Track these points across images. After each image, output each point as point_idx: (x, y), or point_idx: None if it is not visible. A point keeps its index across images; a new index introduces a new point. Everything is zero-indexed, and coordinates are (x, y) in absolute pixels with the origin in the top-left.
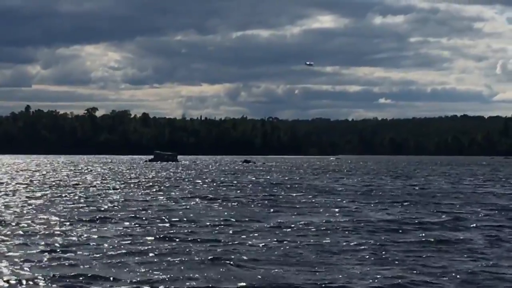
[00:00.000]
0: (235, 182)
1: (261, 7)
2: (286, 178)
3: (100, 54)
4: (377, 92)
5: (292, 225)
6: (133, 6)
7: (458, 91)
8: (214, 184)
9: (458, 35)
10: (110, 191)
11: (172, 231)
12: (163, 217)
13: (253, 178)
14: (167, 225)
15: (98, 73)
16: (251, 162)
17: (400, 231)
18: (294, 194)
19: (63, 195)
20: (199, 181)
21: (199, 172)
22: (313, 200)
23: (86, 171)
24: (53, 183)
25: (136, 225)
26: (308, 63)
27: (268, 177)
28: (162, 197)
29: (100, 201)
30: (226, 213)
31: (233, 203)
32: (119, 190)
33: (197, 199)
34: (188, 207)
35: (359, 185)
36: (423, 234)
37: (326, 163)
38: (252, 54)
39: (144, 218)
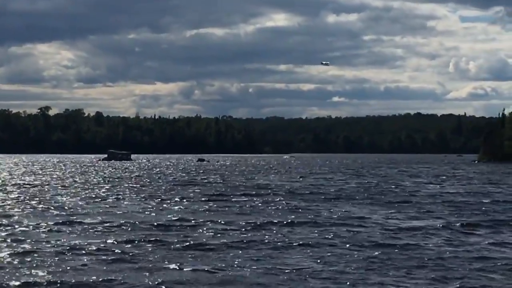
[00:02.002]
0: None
1: (215, 6)
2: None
3: (53, 53)
4: (331, 90)
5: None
6: (86, 4)
7: (411, 89)
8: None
9: (411, 33)
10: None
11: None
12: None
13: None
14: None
15: (51, 72)
16: (205, 161)
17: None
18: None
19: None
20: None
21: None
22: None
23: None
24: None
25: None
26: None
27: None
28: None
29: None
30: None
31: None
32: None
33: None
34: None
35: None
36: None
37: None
38: (206, 52)
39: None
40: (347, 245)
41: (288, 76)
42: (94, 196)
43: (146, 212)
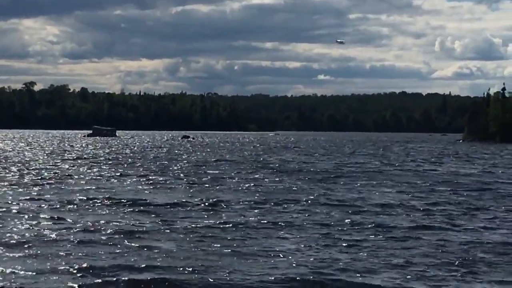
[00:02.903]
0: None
1: None
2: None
3: (39, 28)
4: (316, 68)
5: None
6: None
7: (397, 68)
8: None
9: (397, 12)
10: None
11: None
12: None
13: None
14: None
15: (36, 47)
16: (190, 137)
17: None
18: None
19: None
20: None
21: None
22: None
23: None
24: None
25: None
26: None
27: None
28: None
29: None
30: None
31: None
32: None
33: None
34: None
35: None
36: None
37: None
38: (192, 29)
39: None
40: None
41: (273, 53)
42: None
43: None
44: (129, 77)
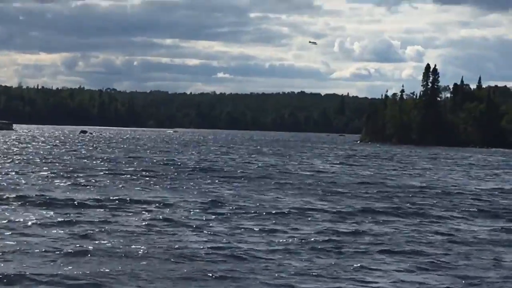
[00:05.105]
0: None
1: None
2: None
3: None
4: (216, 66)
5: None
6: None
7: (296, 67)
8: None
9: (298, 12)
10: None
11: None
12: None
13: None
14: None
15: None
16: (88, 132)
17: None
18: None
19: None
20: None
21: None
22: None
23: None
24: None
25: None
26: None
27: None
28: None
29: None
30: None
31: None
32: None
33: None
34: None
35: None
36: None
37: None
38: (92, 23)
39: None
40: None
41: (173, 50)
42: None
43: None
44: (27, 70)
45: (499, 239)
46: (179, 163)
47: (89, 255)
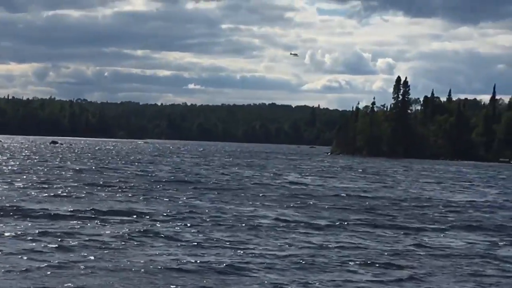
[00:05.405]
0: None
1: None
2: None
3: None
4: (187, 77)
5: None
6: None
7: (267, 79)
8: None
9: (269, 23)
10: None
11: None
12: None
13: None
14: None
15: None
16: (58, 143)
17: None
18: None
19: None
20: None
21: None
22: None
23: None
24: None
25: None
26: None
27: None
28: None
29: None
30: None
31: None
32: None
33: None
34: None
35: None
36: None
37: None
38: (63, 34)
39: None
40: None
41: (144, 61)
42: None
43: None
44: None
45: (475, 251)
46: (153, 174)
47: (64, 268)
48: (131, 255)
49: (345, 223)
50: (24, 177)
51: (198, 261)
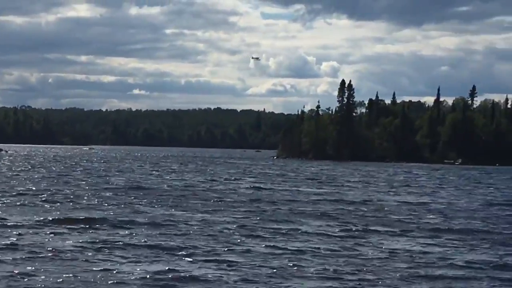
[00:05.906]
0: None
1: None
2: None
3: None
4: (131, 82)
5: None
6: None
7: (212, 84)
8: None
9: (213, 28)
10: None
11: None
12: None
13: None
14: None
15: None
16: (3, 150)
17: None
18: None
19: None
20: None
21: None
22: None
23: None
24: None
25: None
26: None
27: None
28: None
29: None
30: None
31: None
32: None
33: None
34: None
35: None
36: None
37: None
38: (5, 41)
39: None
40: None
41: (88, 67)
42: None
43: None
44: None
45: (440, 256)
46: (105, 181)
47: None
48: (90, 265)
49: (307, 229)
50: None
51: (163, 271)
